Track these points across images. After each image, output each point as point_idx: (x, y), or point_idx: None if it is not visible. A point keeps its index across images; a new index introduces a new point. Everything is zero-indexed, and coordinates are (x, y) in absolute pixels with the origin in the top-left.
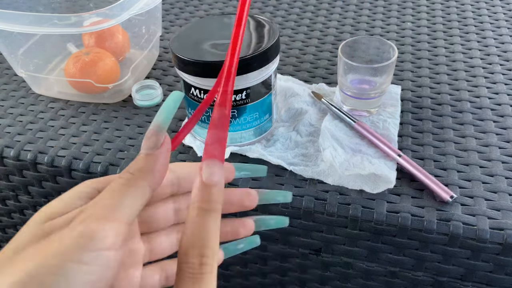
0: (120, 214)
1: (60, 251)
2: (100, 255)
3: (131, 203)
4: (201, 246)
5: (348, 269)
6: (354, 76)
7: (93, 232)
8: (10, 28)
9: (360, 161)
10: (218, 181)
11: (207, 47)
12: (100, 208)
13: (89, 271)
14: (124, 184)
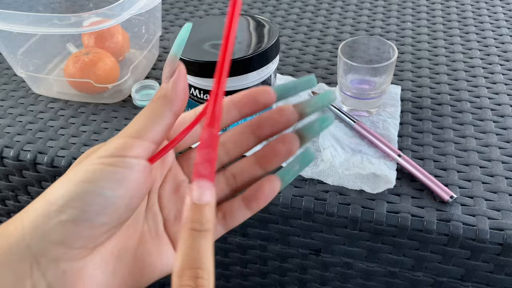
0: (145, 134)
1: (88, 158)
2: (118, 162)
3: (154, 125)
4: (195, 268)
5: (348, 269)
6: (354, 76)
7: (119, 144)
8: (9, 28)
9: (360, 161)
10: (209, 200)
11: (207, 47)
12: (128, 129)
13: (112, 176)
14: (147, 110)
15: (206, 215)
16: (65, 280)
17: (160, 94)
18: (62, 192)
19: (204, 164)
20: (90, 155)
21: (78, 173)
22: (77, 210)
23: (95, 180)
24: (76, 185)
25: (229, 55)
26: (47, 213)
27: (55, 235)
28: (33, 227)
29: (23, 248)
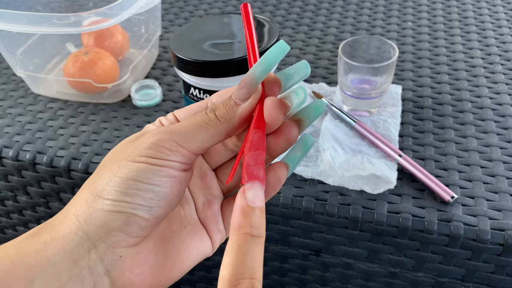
0: (194, 147)
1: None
2: (164, 163)
3: (203, 140)
4: (251, 278)
5: (348, 270)
6: (354, 75)
7: (161, 147)
8: (9, 27)
9: (360, 161)
10: (263, 204)
11: (207, 47)
12: (176, 132)
13: (157, 173)
14: (207, 122)
15: (261, 220)
16: (122, 264)
17: (225, 115)
18: (113, 189)
19: (256, 165)
20: (126, 150)
21: (123, 170)
22: (132, 204)
23: (143, 179)
24: (125, 182)
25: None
26: (101, 208)
27: (115, 224)
28: (89, 218)
29: (80, 236)
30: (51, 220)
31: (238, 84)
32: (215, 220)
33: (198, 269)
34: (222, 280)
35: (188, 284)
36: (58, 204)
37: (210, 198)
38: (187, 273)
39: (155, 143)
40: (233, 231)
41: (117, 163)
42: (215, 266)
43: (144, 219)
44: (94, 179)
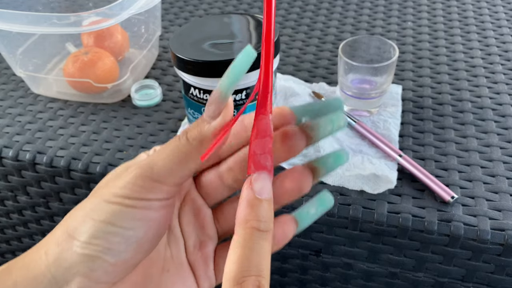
0: (170, 178)
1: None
2: (139, 204)
3: (181, 169)
4: (257, 275)
5: (348, 270)
6: (354, 75)
7: (135, 184)
8: (8, 27)
9: (360, 161)
10: (270, 196)
11: (207, 47)
12: (151, 166)
13: (131, 216)
14: (176, 148)
15: (268, 212)
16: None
17: (197, 136)
18: (84, 229)
19: (264, 154)
20: (105, 187)
21: (97, 212)
22: (100, 247)
23: (115, 222)
24: (96, 225)
25: (273, 35)
26: (70, 248)
27: (80, 267)
28: (57, 259)
29: (49, 279)
30: (23, 255)
31: (207, 101)
32: (205, 264)
33: None
34: (227, 277)
35: None
36: (58, 204)
37: (203, 238)
38: None
39: (130, 181)
40: (239, 225)
41: (93, 202)
42: None
43: (111, 264)
44: (70, 215)
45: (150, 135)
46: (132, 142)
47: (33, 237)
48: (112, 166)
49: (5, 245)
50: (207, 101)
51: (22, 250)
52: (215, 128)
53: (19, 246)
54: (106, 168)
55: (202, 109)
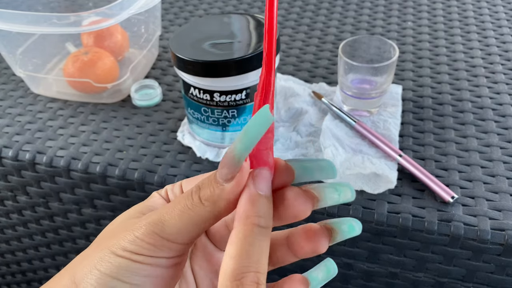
0: (181, 238)
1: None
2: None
3: (193, 230)
4: (256, 271)
5: (348, 270)
6: (354, 75)
7: (143, 241)
8: (8, 27)
9: (361, 161)
10: (269, 192)
11: (207, 47)
12: (161, 226)
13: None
14: (190, 209)
15: (269, 209)
16: None
17: (209, 197)
18: (90, 282)
19: (266, 150)
20: (115, 237)
21: (104, 263)
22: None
23: (121, 277)
24: (103, 278)
25: (275, 33)
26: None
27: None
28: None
29: None
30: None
31: (220, 162)
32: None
33: None
34: (225, 273)
35: None
36: (58, 204)
37: (217, 283)
38: None
39: (139, 237)
40: (239, 220)
41: (101, 252)
42: None
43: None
44: (78, 262)
45: (150, 135)
46: (132, 142)
47: (33, 237)
48: (112, 166)
49: (4, 245)
50: (220, 162)
51: (22, 250)
52: (228, 192)
53: (19, 246)
54: (106, 168)
55: (202, 109)
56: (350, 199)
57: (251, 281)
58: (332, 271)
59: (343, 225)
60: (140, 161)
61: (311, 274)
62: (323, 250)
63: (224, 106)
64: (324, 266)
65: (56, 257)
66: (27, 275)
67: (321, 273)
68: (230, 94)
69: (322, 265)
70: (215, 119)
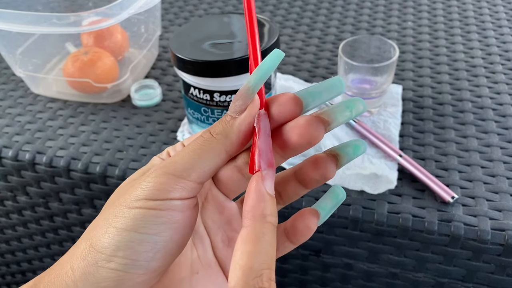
0: (193, 174)
1: (130, 199)
2: (162, 205)
3: (204, 165)
4: (270, 268)
5: (348, 270)
6: (354, 75)
7: (158, 183)
8: (8, 27)
9: (361, 161)
10: (274, 193)
11: (207, 47)
12: (173, 163)
13: (155, 220)
14: (202, 145)
15: (275, 207)
16: None
17: (221, 131)
18: (107, 241)
19: (270, 152)
20: (125, 193)
21: (119, 219)
22: (126, 260)
23: (138, 228)
24: (120, 233)
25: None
26: (95, 262)
27: (108, 283)
28: (83, 273)
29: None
30: (50, 270)
31: (234, 97)
32: None
33: None
34: (243, 270)
35: None
36: (58, 204)
37: (231, 234)
38: None
39: (151, 181)
40: (252, 218)
41: (114, 209)
42: None
43: (139, 275)
44: (93, 226)
45: (150, 135)
46: (132, 142)
47: (33, 237)
48: (111, 166)
49: (4, 245)
50: (234, 97)
51: (22, 250)
52: (241, 122)
53: (19, 246)
54: (106, 168)
55: (202, 109)
56: (363, 112)
57: (267, 277)
58: (340, 196)
59: (347, 148)
60: (140, 161)
61: (320, 204)
62: (332, 176)
63: (224, 106)
64: (331, 193)
65: (56, 257)
66: (27, 275)
67: (330, 200)
68: (230, 94)
69: (329, 192)
70: (215, 119)
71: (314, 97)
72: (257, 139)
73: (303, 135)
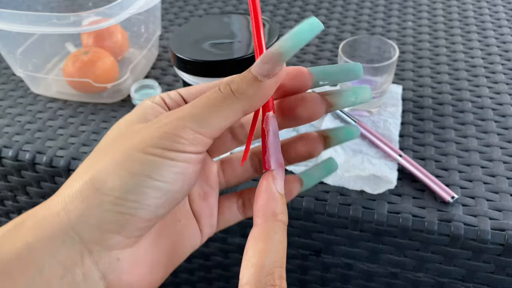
0: (209, 130)
1: (143, 144)
2: (180, 157)
3: (219, 120)
4: (282, 267)
5: (348, 270)
6: None
7: (177, 136)
8: (8, 27)
9: (360, 161)
10: (283, 192)
11: (207, 47)
12: (190, 117)
13: (172, 169)
14: (221, 99)
15: (285, 207)
16: (120, 267)
17: (244, 90)
18: (117, 183)
19: (280, 152)
20: (136, 137)
21: (133, 163)
22: (137, 204)
23: (155, 174)
24: (133, 177)
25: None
26: (99, 204)
27: (112, 225)
28: (82, 215)
29: (71, 237)
30: (31, 213)
31: (260, 58)
32: (210, 213)
33: (198, 269)
34: (256, 267)
35: (189, 284)
36: None
37: (206, 189)
38: (187, 273)
39: (171, 132)
40: (267, 218)
41: (125, 152)
42: (215, 266)
43: (145, 220)
44: (93, 166)
45: None
46: None
47: None
48: None
49: None
50: (260, 59)
51: None
52: (269, 87)
53: None
54: None
55: None
56: (368, 100)
57: (279, 275)
58: (332, 168)
59: (340, 131)
60: None
61: (306, 172)
62: (317, 154)
63: None
64: (323, 163)
65: None
66: None
67: (318, 171)
68: None
69: (321, 162)
70: None
71: (327, 76)
72: (267, 139)
73: (306, 109)
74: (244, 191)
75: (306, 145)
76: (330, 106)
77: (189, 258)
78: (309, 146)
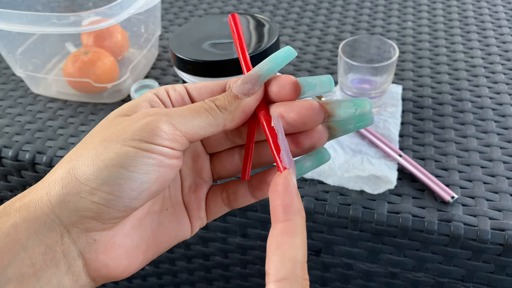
0: (187, 130)
1: (123, 136)
2: (155, 149)
3: (201, 127)
4: (304, 261)
5: (348, 270)
6: (354, 75)
7: (157, 128)
8: (8, 27)
9: (360, 162)
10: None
11: (207, 47)
12: (173, 115)
13: (146, 161)
14: (206, 109)
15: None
16: (96, 247)
17: (225, 106)
18: (93, 173)
19: (290, 152)
20: (118, 129)
21: (109, 154)
22: (111, 195)
23: (129, 166)
24: (108, 168)
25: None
26: (77, 192)
27: (88, 212)
28: (62, 201)
29: (52, 219)
30: (20, 197)
31: (241, 79)
32: (198, 206)
33: (198, 269)
34: (297, 260)
35: (189, 284)
36: None
37: (198, 182)
38: (187, 273)
39: (150, 124)
40: (295, 214)
41: (104, 143)
42: (215, 266)
43: (119, 211)
44: (75, 155)
45: None
46: None
47: None
48: None
49: None
50: (241, 80)
51: None
52: (247, 105)
53: None
54: None
55: None
56: (368, 111)
57: (306, 269)
58: (324, 159)
59: (349, 121)
60: None
61: (299, 161)
62: (321, 145)
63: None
64: (316, 153)
65: None
66: None
67: (309, 161)
68: None
69: (313, 153)
70: None
71: (310, 88)
72: (278, 139)
73: (303, 116)
74: (228, 183)
75: (312, 138)
76: (329, 116)
77: (189, 258)
78: (314, 138)
